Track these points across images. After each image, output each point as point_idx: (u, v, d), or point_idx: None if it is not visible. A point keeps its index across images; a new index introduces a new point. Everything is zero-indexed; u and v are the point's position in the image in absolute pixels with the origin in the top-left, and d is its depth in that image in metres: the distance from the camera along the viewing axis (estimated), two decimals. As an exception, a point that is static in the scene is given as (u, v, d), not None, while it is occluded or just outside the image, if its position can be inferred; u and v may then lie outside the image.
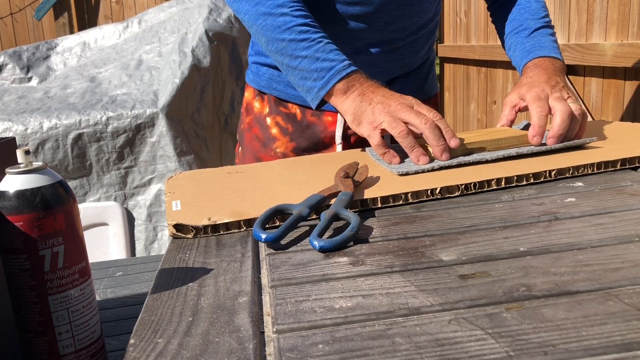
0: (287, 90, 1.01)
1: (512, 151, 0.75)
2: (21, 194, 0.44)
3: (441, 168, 0.73)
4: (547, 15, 0.97)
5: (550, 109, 0.79)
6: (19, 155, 0.46)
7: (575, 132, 0.79)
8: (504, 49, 1.03)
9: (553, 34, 0.96)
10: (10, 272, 0.45)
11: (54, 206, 0.45)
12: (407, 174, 0.72)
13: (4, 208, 0.44)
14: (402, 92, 0.86)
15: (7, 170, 0.45)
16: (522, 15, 0.98)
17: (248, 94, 1.08)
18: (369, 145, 0.82)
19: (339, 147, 1.00)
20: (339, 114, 0.98)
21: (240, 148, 1.10)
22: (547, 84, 0.83)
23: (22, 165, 0.46)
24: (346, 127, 0.99)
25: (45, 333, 0.45)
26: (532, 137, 0.77)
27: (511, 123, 0.86)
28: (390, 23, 0.94)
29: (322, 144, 1.01)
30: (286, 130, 1.02)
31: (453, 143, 0.74)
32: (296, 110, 1.01)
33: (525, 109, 0.83)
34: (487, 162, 0.74)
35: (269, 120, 1.03)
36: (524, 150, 0.75)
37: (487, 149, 0.76)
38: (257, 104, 1.06)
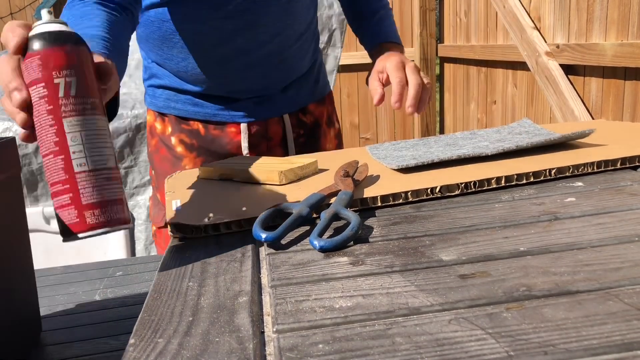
0: (186, 108, 1.02)
1: (512, 145, 0.76)
2: (43, 35, 0.51)
3: (441, 161, 0.73)
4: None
5: (407, 79, 0.88)
6: (44, 14, 0.52)
7: (426, 102, 0.88)
8: (352, 31, 1.13)
9: (392, 17, 1.11)
10: (32, 102, 0.51)
11: (68, 43, 0.51)
12: (406, 167, 0.72)
13: (30, 49, 0.51)
14: (298, 97, 0.97)
15: (33, 25, 0.52)
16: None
17: (149, 117, 1.09)
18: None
19: None
20: (242, 124, 1.01)
21: (153, 171, 1.10)
22: (402, 57, 0.93)
23: (45, 19, 0.52)
24: (251, 136, 1.02)
25: (62, 152, 0.50)
26: (394, 102, 0.84)
27: (383, 97, 0.90)
28: (275, 35, 0.97)
29: (230, 156, 1.02)
30: (192, 147, 1.03)
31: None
32: (198, 126, 1.03)
33: (388, 81, 0.91)
34: (486, 156, 0.74)
35: (173, 139, 1.04)
36: (524, 143, 0.76)
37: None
38: (158, 125, 1.06)
